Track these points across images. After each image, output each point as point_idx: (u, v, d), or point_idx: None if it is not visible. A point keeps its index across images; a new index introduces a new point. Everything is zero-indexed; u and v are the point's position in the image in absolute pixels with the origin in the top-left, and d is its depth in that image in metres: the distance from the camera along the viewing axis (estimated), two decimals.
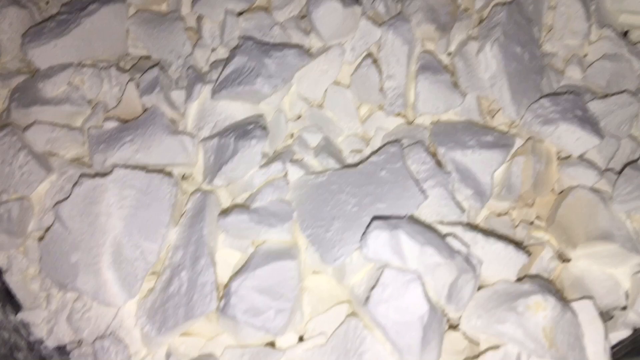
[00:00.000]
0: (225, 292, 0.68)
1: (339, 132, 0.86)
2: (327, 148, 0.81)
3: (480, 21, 0.89)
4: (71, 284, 0.71)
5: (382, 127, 0.85)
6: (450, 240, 0.68)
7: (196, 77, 0.81)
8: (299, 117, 0.86)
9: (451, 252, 0.65)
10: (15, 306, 0.78)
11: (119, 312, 0.75)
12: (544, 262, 0.75)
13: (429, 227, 0.68)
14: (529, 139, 0.82)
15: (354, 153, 0.84)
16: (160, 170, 0.76)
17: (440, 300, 0.64)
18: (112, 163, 0.76)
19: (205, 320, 0.70)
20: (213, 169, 0.76)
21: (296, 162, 0.78)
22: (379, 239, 0.64)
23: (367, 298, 0.63)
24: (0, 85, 0.84)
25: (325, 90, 0.86)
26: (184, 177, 0.82)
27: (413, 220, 0.68)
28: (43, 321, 0.77)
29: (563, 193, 0.80)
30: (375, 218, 0.67)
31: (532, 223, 0.81)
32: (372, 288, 0.64)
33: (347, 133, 0.86)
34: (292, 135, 0.84)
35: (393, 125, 0.85)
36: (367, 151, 0.84)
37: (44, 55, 0.82)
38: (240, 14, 0.87)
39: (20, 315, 0.76)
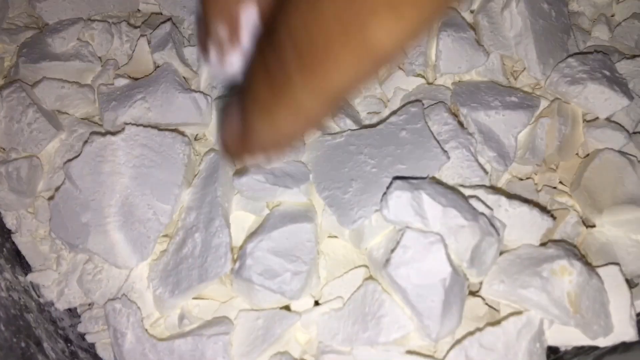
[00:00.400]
0: (240, 254, 0.66)
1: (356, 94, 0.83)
2: (345, 108, 0.78)
3: None
4: (82, 245, 0.69)
5: (401, 87, 0.82)
6: (473, 202, 0.65)
7: None
8: None
9: (474, 214, 0.62)
10: (25, 267, 0.76)
11: (131, 274, 0.73)
12: (568, 227, 0.73)
13: (451, 189, 0.66)
14: (554, 100, 0.79)
15: (371, 115, 0.81)
16: (173, 130, 0.74)
17: (463, 264, 0.62)
18: (123, 121, 0.74)
19: (219, 283, 0.68)
20: None
21: None
22: (400, 200, 0.61)
23: (387, 260, 0.61)
24: (8, 40, 0.81)
25: None
26: (196, 138, 0.80)
27: (435, 181, 0.66)
28: (53, 283, 0.75)
29: (589, 157, 0.77)
30: (395, 178, 0.65)
31: (555, 187, 0.78)
32: (392, 250, 0.62)
33: (365, 94, 0.83)
34: None
35: (413, 85, 0.82)
36: (386, 113, 0.81)
37: (52, 9, 0.79)
38: None
39: (30, 277, 0.74)
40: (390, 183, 0.64)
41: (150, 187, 0.70)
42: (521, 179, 0.78)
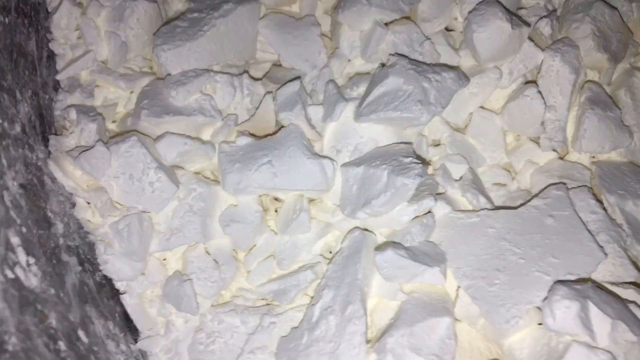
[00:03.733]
0: (378, 348, 0.62)
1: (481, 161, 0.78)
2: (475, 182, 0.74)
3: None
4: None
5: (532, 160, 0.77)
6: (632, 308, 0.61)
7: (338, 95, 0.74)
8: (439, 143, 0.78)
9: None
10: (134, 332, 0.72)
11: (246, 347, 0.69)
12: None
13: (612, 295, 0.61)
14: None
15: (497, 186, 0.77)
16: None
17: None
18: (247, 185, 0.70)
19: None
20: (356, 201, 0.69)
21: (441, 197, 0.72)
22: (569, 311, 0.57)
23: None
24: (124, 86, 0.77)
25: (470, 115, 0.79)
26: (311, 200, 0.76)
27: (596, 284, 0.61)
28: (162, 350, 0.71)
29: None
30: (558, 282, 0.60)
31: None
32: None
33: (490, 163, 0.79)
34: (429, 163, 0.77)
35: (544, 159, 0.77)
36: (514, 186, 0.77)
37: (177, 59, 0.75)
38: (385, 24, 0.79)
39: (140, 344, 0.71)
40: (552, 287, 0.59)
41: None
42: None
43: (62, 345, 0.53)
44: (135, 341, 0.71)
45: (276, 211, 0.79)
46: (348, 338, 0.63)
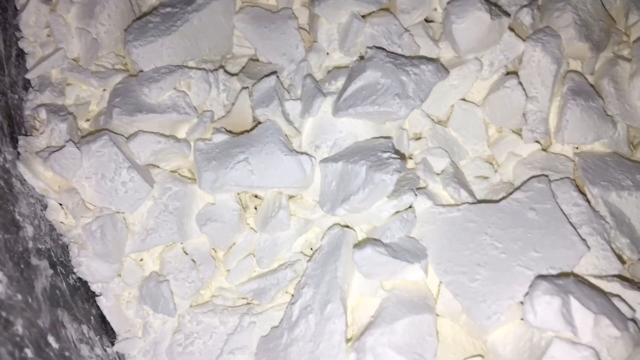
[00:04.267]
0: (358, 347, 0.61)
1: (463, 154, 0.77)
2: (457, 176, 0.72)
3: (637, 39, 0.79)
4: None
5: (514, 152, 0.76)
6: (616, 302, 0.60)
7: (315, 89, 0.72)
8: (420, 136, 0.77)
9: (624, 321, 0.57)
10: (110, 334, 0.71)
11: (225, 347, 0.68)
12: None
13: (594, 288, 0.60)
14: None
15: (479, 179, 0.76)
16: None
17: None
18: (223, 183, 0.68)
19: None
20: (335, 197, 0.68)
21: (422, 191, 0.70)
22: (550, 306, 0.55)
23: None
24: (96, 84, 0.75)
25: (452, 107, 0.77)
26: (291, 197, 0.74)
27: (578, 279, 0.60)
28: (140, 352, 0.70)
29: None
30: (539, 277, 0.59)
31: None
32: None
33: (472, 156, 0.77)
34: (410, 157, 0.76)
35: (527, 151, 0.76)
36: (496, 178, 0.75)
37: (149, 55, 0.73)
38: (362, 17, 0.77)
39: (117, 347, 0.69)
40: (534, 282, 0.58)
41: None
42: None
43: (28, 352, 0.51)
44: (112, 344, 0.70)
45: (256, 209, 0.77)
46: (327, 337, 0.62)
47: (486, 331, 0.62)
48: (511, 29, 0.75)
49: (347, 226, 0.70)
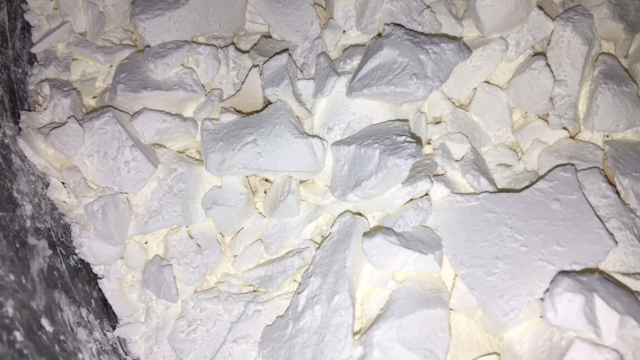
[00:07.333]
0: (365, 341, 0.57)
1: (485, 140, 0.73)
2: (477, 163, 0.68)
3: None
4: None
5: (540, 139, 0.71)
6: None
7: (329, 68, 0.68)
8: (439, 120, 0.73)
9: None
10: (112, 318, 0.69)
11: (228, 336, 0.66)
12: None
13: (621, 286, 0.56)
14: None
15: (502, 167, 0.71)
16: None
17: None
18: (230, 165, 0.65)
19: None
20: (347, 182, 0.64)
21: (439, 178, 0.66)
22: (573, 305, 0.51)
23: None
24: (102, 60, 0.73)
25: (474, 90, 0.73)
26: (302, 181, 0.71)
27: (604, 276, 0.56)
28: (141, 338, 0.68)
29: None
30: (562, 272, 0.55)
31: None
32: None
33: (495, 142, 0.73)
34: (429, 142, 0.72)
35: (553, 138, 0.71)
36: (520, 167, 0.71)
37: (156, 29, 0.70)
38: None
39: (118, 332, 0.67)
40: (555, 278, 0.54)
41: None
42: None
43: (18, 335, 0.49)
44: (114, 328, 0.68)
45: (265, 192, 0.74)
46: (333, 330, 0.58)
47: (503, 328, 0.59)
48: (540, 6, 0.70)
49: (359, 213, 0.67)
